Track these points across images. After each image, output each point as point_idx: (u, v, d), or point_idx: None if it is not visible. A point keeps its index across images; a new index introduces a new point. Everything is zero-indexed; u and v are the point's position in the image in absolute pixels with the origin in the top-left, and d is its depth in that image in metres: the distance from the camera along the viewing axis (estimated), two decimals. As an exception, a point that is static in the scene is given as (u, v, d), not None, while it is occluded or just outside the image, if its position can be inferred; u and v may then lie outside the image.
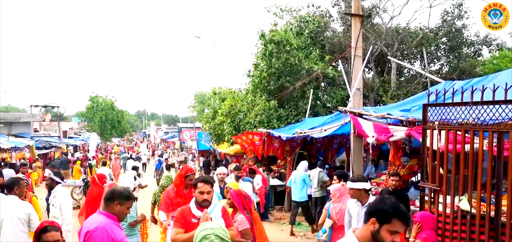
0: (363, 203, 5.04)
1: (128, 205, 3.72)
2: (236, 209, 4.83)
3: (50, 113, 41.14)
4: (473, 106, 5.06)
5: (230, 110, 17.90)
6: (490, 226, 5.01)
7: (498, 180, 4.98)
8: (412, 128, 6.89)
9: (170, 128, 70.88)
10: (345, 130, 9.88)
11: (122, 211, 3.68)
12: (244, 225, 4.54)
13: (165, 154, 37.46)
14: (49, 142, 29.83)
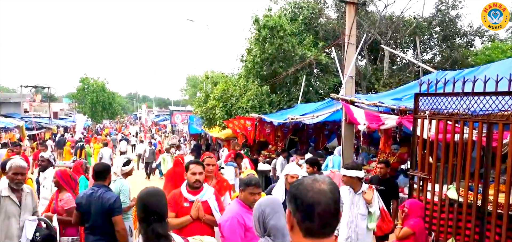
0: (356, 190, 5.08)
1: (250, 190, 3.68)
2: (62, 189, 5.07)
3: (40, 94, 40.76)
4: (464, 96, 5.10)
5: (222, 94, 17.85)
6: (476, 214, 5.10)
7: (486, 170, 5.05)
8: (403, 116, 6.94)
9: (162, 111, 70.56)
10: (337, 117, 9.93)
11: (247, 198, 3.68)
12: (70, 204, 4.75)
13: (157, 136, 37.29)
14: (39, 123, 29.60)
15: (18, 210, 4.22)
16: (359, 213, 5.05)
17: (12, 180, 4.21)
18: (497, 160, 4.83)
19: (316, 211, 1.44)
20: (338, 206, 1.51)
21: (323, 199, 1.45)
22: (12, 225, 4.15)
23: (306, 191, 1.48)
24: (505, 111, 4.62)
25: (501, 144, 4.80)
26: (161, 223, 2.49)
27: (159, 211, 2.52)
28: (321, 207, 1.44)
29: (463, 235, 5.26)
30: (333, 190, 1.51)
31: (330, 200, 1.46)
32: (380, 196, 5.44)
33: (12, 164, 4.29)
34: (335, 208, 1.49)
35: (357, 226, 5.04)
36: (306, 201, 1.46)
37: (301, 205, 1.48)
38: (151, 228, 2.48)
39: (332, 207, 1.47)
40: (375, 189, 5.34)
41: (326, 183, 1.52)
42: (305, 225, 1.47)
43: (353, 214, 5.07)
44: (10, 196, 4.18)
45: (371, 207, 5.01)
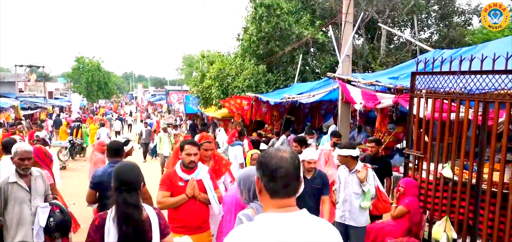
0: (351, 169, 5.11)
1: None
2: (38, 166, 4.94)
3: (35, 73, 40.42)
4: (461, 75, 5.08)
5: (218, 73, 17.77)
6: (471, 193, 5.13)
7: (481, 149, 5.06)
8: (400, 95, 6.93)
9: (158, 90, 70.35)
10: (333, 96, 9.91)
11: None
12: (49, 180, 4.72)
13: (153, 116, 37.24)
14: (35, 103, 29.40)
15: (28, 195, 4.09)
16: (353, 191, 5.09)
17: (19, 165, 4.07)
18: (492, 139, 4.83)
19: (278, 174, 1.71)
20: (297, 172, 1.76)
21: (284, 164, 1.72)
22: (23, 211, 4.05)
23: (270, 158, 1.75)
24: (501, 89, 4.60)
25: (496, 123, 4.80)
26: (130, 193, 2.70)
27: (130, 182, 2.73)
28: (282, 171, 1.71)
29: (457, 214, 5.30)
30: (293, 157, 1.76)
31: (290, 165, 1.73)
32: None
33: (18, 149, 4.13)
34: (295, 173, 1.74)
35: (351, 205, 5.08)
36: (270, 167, 1.73)
37: (266, 170, 1.74)
38: (121, 197, 2.69)
39: (292, 172, 1.73)
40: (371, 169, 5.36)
41: (288, 152, 1.78)
42: (270, 187, 1.73)
43: (348, 193, 5.11)
44: (18, 182, 4.07)
45: (364, 186, 5.03)
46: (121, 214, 2.66)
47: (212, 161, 4.95)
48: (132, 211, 2.66)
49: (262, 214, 1.72)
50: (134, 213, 2.67)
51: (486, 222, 4.95)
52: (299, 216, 1.72)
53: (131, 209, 2.66)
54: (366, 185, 5.06)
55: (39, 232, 4.06)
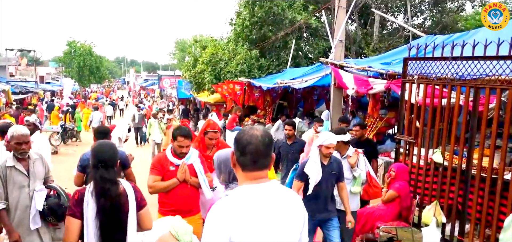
0: (342, 155, 5.10)
1: None
2: None
3: (26, 57, 39.88)
4: (453, 61, 5.09)
5: (211, 58, 17.66)
6: (460, 178, 5.19)
7: (471, 134, 5.10)
8: (392, 81, 6.94)
9: (150, 75, 69.85)
10: (326, 81, 9.90)
11: None
12: None
13: (145, 101, 37.05)
14: (26, 87, 29.09)
15: (26, 180, 4.00)
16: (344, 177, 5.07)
17: (16, 150, 3.95)
18: (483, 125, 4.87)
19: (248, 149, 1.89)
20: (268, 149, 1.92)
21: (254, 141, 1.89)
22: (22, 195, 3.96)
23: (243, 135, 1.93)
24: (492, 75, 4.63)
25: (487, 108, 4.83)
26: (107, 169, 2.89)
27: (107, 159, 2.91)
28: (252, 147, 1.88)
29: (446, 198, 5.36)
30: (264, 135, 1.93)
31: (260, 142, 1.89)
32: None
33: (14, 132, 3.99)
34: (264, 150, 1.90)
35: (342, 190, 5.07)
36: (242, 142, 1.91)
37: (239, 145, 1.92)
38: (99, 173, 2.87)
39: (261, 148, 1.89)
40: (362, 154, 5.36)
41: (260, 130, 1.95)
42: (241, 160, 1.92)
43: (340, 178, 5.10)
44: (15, 166, 3.96)
45: (355, 171, 5.04)
46: (98, 188, 2.84)
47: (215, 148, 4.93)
48: (109, 186, 2.85)
49: (237, 188, 1.93)
50: (111, 187, 2.86)
51: (475, 206, 5.01)
52: (269, 186, 1.93)
53: (108, 184, 2.85)
54: (357, 170, 5.07)
55: (35, 217, 3.98)
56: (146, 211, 3.04)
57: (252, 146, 1.89)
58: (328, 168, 4.62)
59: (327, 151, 4.57)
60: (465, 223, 5.22)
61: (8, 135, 4.08)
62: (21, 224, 3.93)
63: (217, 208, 1.86)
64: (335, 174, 4.68)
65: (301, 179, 4.63)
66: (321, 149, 4.59)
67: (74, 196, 2.91)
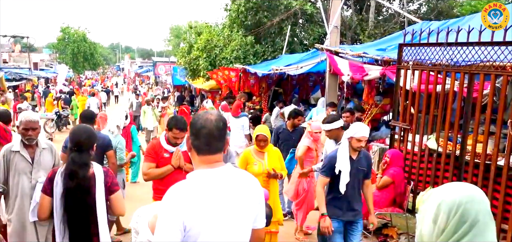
0: (338, 141, 5.09)
1: None
2: None
3: (19, 44, 39.50)
4: (448, 47, 5.08)
5: (206, 44, 17.56)
6: (454, 164, 5.21)
7: (465, 120, 5.12)
8: (387, 67, 6.93)
9: (145, 62, 69.45)
10: (321, 68, 9.88)
11: None
12: None
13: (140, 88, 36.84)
14: (20, 74, 28.81)
15: (29, 167, 3.86)
16: (342, 162, 5.06)
17: (23, 135, 3.83)
18: (477, 111, 4.89)
19: (202, 133, 1.95)
20: (221, 133, 1.98)
21: (208, 125, 1.95)
22: (23, 182, 3.85)
23: (198, 120, 2.00)
24: (487, 61, 4.63)
25: (481, 94, 4.84)
26: (80, 153, 3.04)
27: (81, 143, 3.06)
28: (205, 130, 1.94)
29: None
30: (218, 120, 1.99)
31: (213, 126, 1.95)
32: None
33: (23, 118, 3.87)
34: (218, 134, 1.96)
35: (340, 176, 5.06)
36: (197, 127, 1.97)
37: (194, 130, 1.98)
38: (71, 156, 3.05)
39: (214, 132, 1.95)
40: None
41: (214, 115, 2.02)
42: (195, 144, 1.98)
43: (337, 165, 5.07)
44: (20, 151, 3.84)
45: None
46: (67, 170, 3.02)
47: None
48: (77, 168, 3.00)
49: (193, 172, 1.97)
50: (79, 170, 3.00)
51: (468, 192, 5.04)
52: (224, 170, 1.98)
53: (76, 166, 3.01)
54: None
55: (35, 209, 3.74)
56: (117, 196, 3.14)
57: (206, 130, 1.95)
58: (356, 163, 4.17)
59: (358, 144, 4.09)
60: (458, 209, 5.25)
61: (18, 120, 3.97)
62: (20, 212, 3.85)
63: (171, 193, 1.89)
64: (364, 170, 4.25)
65: (327, 174, 4.18)
66: (351, 141, 4.13)
67: (49, 175, 3.11)
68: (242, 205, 1.97)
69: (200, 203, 1.86)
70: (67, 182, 3.00)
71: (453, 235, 1.46)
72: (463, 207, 1.46)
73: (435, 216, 1.51)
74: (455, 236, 1.46)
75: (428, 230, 1.54)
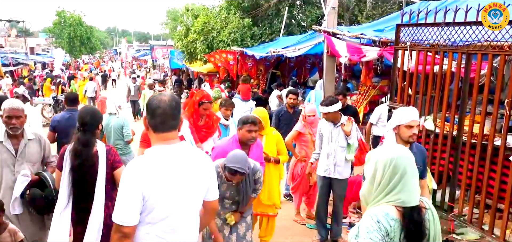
0: (336, 123, 5.08)
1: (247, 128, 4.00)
2: None
3: (15, 28, 39.21)
4: (445, 27, 5.05)
5: (203, 27, 17.44)
6: (451, 144, 5.22)
7: (462, 101, 5.11)
8: (385, 48, 6.90)
9: (142, 45, 69.04)
10: (319, 49, 9.83)
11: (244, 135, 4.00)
12: None
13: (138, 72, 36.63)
14: (16, 59, 28.66)
15: (12, 159, 3.63)
16: (339, 145, 5.07)
17: (7, 124, 3.59)
18: (474, 91, 4.88)
19: (156, 112, 2.14)
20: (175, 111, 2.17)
21: (162, 105, 2.14)
22: (6, 175, 3.62)
23: (153, 100, 2.19)
24: (484, 41, 4.60)
25: (478, 75, 4.82)
26: (85, 132, 3.28)
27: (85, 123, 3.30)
28: (160, 110, 2.14)
29: (437, 165, 5.41)
30: (171, 100, 2.18)
31: (167, 106, 2.15)
32: None
33: (5, 105, 3.61)
34: (171, 112, 2.15)
35: (336, 158, 5.08)
36: (152, 106, 2.16)
37: (150, 110, 2.17)
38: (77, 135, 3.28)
39: (168, 111, 2.14)
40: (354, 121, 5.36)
41: (168, 96, 2.22)
42: (151, 123, 2.18)
43: (333, 147, 5.08)
44: (4, 142, 3.61)
45: (350, 139, 5.04)
46: (73, 149, 3.26)
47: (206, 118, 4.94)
48: (82, 147, 3.24)
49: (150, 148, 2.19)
50: (83, 149, 3.24)
51: (465, 172, 5.07)
52: (178, 146, 2.19)
53: (81, 146, 3.24)
54: (351, 137, 5.08)
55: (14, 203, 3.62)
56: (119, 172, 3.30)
57: (161, 109, 2.14)
58: None
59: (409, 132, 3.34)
60: (455, 189, 5.29)
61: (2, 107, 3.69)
62: None
63: (131, 166, 2.11)
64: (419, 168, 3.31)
65: None
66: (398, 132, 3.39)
67: (61, 151, 3.34)
68: (194, 178, 2.21)
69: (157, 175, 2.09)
70: (73, 160, 3.23)
71: (388, 185, 1.88)
72: (394, 162, 1.88)
73: (374, 171, 1.93)
74: (390, 185, 1.88)
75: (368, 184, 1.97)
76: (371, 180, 1.95)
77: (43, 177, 3.73)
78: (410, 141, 3.37)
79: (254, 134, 3.96)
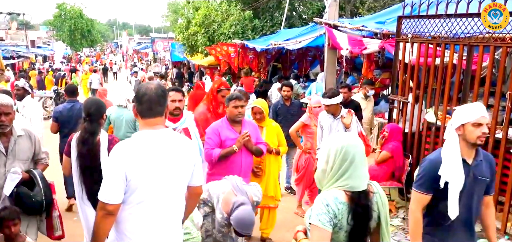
0: (336, 116, 5.08)
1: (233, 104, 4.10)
2: None
3: (16, 21, 39.15)
4: (447, 18, 5.02)
5: (204, 20, 17.38)
6: (453, 137, 5.20)
7: (464, 94, 5.10)
8: (386, 40, 6.86)
9: (143, 38, 68.84)
10: (320, 42, 9.79)
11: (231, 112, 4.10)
12: None
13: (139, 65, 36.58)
14: (17, 52, 28.62)
15: (2, 158, 3.42)
16: (338, 138, 5.05)
17: None
18: (476, 83, 4.86)
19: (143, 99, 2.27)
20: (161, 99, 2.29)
21: (148, 92, 2.28)
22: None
23: (140, 88, 2.34)
24: (486, 33, 4.58)
25: (480, 67, 4.80)
26: (91, 122, 3.51)
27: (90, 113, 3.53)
28: (146, 97, 2.27)
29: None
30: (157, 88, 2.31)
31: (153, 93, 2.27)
32: None
33: None
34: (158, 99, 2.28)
35: (336, 151, 5.06)
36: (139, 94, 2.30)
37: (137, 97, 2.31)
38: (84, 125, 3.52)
39: (154, 98, 2.27)
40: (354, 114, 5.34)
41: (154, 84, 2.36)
42: (139, 109, 2.31)
43: (332, 139, 5.08)
44: None
45: (350, 131, 5.04)
46: (80, 137, 3.50)
47: None
48: (87, 136, 3.47)
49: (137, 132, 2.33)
50: (88, 138, 3.47)
51: (466, 165, 5.06)
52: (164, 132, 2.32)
53: (87, 135, 3.48)
54: (351, 130, 5.07)
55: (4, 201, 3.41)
56: None
57: (147, 96, 2.27)
58: (474, 169, 2.67)
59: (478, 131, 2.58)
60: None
61: None
62: None
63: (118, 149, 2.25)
64: (486, 181, 2.72)
65: (427, 189, 2.70)
66: (464, 132, 2.63)
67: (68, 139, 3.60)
68: (178, 162, 2.32)
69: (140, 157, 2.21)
70: (79, 148, 3.46)
71: (339, 170, 2.05)
72: (345, 149, 2.03)
73: (327, 157, 2.09)
74: (340, 170, 2.04)
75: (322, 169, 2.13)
76: (324, 165, 2.12)
77: (32, 176, 3.54)
78: (477, 143, 2.60)
79: (241, 109, 4.03)
